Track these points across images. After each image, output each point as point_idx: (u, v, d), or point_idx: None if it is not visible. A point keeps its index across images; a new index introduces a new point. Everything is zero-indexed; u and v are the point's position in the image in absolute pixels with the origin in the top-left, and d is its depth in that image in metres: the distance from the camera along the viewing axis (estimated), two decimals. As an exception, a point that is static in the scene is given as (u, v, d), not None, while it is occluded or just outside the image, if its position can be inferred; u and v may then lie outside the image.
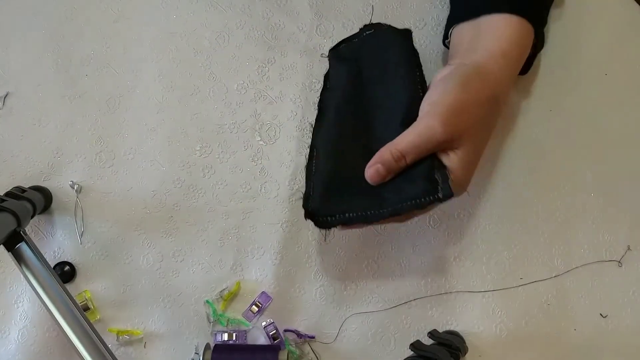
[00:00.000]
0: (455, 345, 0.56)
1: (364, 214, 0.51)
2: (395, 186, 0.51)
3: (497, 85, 0.52)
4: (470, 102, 0.51)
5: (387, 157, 0.51)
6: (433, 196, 0.49)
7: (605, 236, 0.60)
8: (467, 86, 0.51)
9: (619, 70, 0.62)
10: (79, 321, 0.51)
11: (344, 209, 0.51)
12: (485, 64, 0.52)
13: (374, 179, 0.52)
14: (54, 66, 0.62)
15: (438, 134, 0.49)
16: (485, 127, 0.52)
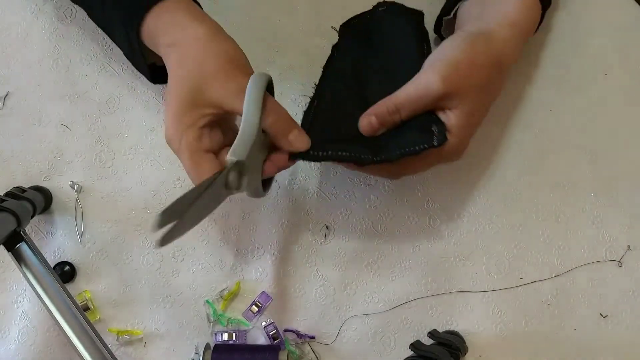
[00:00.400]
0: (455, 345, 0.56)
1: (357, 155, 0.50)
2: (391, 136, 0.51)
3: (502, 51, 0.52)
4: (472, 62, 0.50)
5: (382, 109, 0.51)
6: (428, 144, 0.49)
7: (605, 236, 0.61)
8: (471, 47, 0.51)
9: (619, 70, 0.62)
10: (79, 321, 0.51)
11: (338, 147, 0.51)
12: (492, 30, 0.52)
13: (366, 130, 0.51)
14: (54, 66, 0.62)
15: (435, 87, 0.49)
16: (486, 91, 0.52)
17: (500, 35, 0.52)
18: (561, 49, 0.63)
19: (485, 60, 0.51)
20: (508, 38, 0.53)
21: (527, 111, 0.62)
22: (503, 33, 0.53)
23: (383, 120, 0.51)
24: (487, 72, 0.51)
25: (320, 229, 0.61)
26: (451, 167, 0.61)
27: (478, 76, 0.50)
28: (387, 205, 0.61)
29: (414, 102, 0.50)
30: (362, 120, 0.52)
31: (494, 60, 0.51)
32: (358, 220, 0.61)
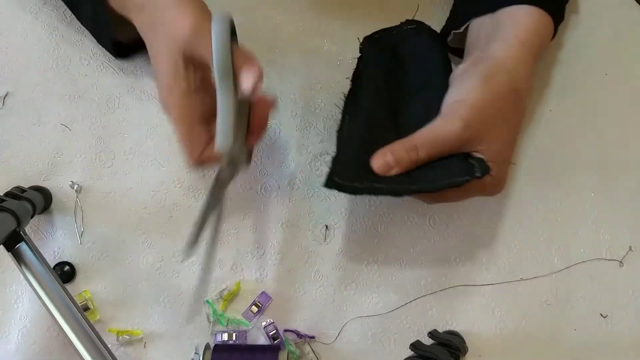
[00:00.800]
0: (456, 345, 0.56)
1: (394, 187, 0.49)
2: (430, 167, 0.50)
3: (516, 77, 0.51)
4: (491, 100, 0.50)
5: (398, 146, 0.50)
6: (470, 175, 0.48)
7: (605, 236, 0.61)
8: (488, 83, 0.50)
9: (619, 70, 0.62)
10: (78, 321, 0.51)
11: (374, 178, 0.49)
12: (504, 56, 0.52)
13: (379, 166, 0.49)
14: (54, 66, 0.62)
15: (459, 132, 0.49)
16: (508, 123, 0.51)
17: (511, 60, 0.52)
18: (562, 49, 0.63)
19: (501, 93, 0.50)
20: (520, 61, 0.52)
21: (527, 111, 0.62)
22: (514, 57, 0.52)
23: (399, 158, 0.49)
24: (505, 104, 0.50)
25: (320, 229, 0.61)
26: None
27: (498, 111, 0.50)
28: (387, 205, 0.61)
29: (434, 142, 0.49)
30: (377, 158, 0.50)
31: (510, 90, 0.51)
32: (358, 220, 0.61)
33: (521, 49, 0.52)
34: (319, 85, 0.62)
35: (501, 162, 0.50)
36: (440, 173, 0.49)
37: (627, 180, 0.61)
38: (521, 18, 0.53)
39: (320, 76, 0.61)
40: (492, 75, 0.51)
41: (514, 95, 0.51)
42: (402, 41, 0.58)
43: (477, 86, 0.50)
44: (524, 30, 0.53)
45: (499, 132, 0.50)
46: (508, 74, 0.51)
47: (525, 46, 0.52)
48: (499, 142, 0.50)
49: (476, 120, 0.49)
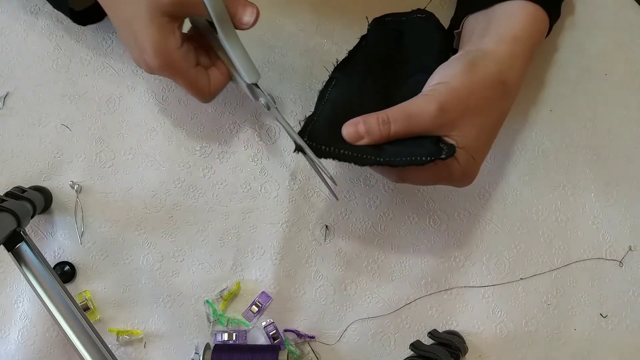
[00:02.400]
0: (455, 345, 0.56)
1: (360, 155, 0.49)
2: (398, 143, 0.50)
3: (505, 70, 0.50)
4: (472, 87, 0.49)
5: (372, 119, 0.49)
6: (435, 156, 0.47)
7: (605, 236, 0.61)
8: (473, 70, 0.50)
9: (619, 70, 0.62)
10: (79, 321, 0.51)
11: (342, 145, 0.50)
12: (494, 49, 0.51)
13: (349, 134, 0.49)
14: (54, 66, 0.62)
15: (433, 112, 0.48)
16: (488, 114, 0.50)
17: (502, 53, 0.51)
18: (561, 49, 0.63)
19: (486, 82, 0.49)
20: (511, 55, 0.51)
21: (527, 111, 0.62)
22: (505, 50, 0.51)
23: (370, 129, 0.49)
24: (488, 94, 0.49)
25: (320, 229, 0.61)
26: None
27: (479, 100, 0.49)
28: (387, 205, 0.61)
29: (407, 119, 0.48)
30: (349, 124, 0.50)
31: (495, 81, 0.50)
32: (358, 220, 0.61)
33: (514, 44, 0.51)
34: (319, 85, 0.61)
35: (474, 153, 0.49)
36: (407, 150, 0.49)
37: (627, 180, 0.61)
38: (515, 13, 0.53)
39: (320, 76, 0.61)
40: (479, 63, 0.50)
41: (499, 88, 0.50)
42: (409, 28, 0.57)
43: (461, 71, 0.49)
44: (518, 25, 0.52)
45: (476, 121, 0.49)
46: (496, 65, 0.50)
47: (519, 41, 0.52)
48: (474, 132, 0.49)
49: (453, 105, 0.48)
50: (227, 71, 0.55)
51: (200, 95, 0.54)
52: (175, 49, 0.51)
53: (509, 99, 0.52)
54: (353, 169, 0.61)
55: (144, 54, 0.50)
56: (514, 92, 0.52)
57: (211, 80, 0.54)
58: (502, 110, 0.52)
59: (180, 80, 0.52)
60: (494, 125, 0.51)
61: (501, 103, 0.51)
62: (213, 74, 0.54)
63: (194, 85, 0.53)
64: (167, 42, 0.50)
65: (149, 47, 0.50)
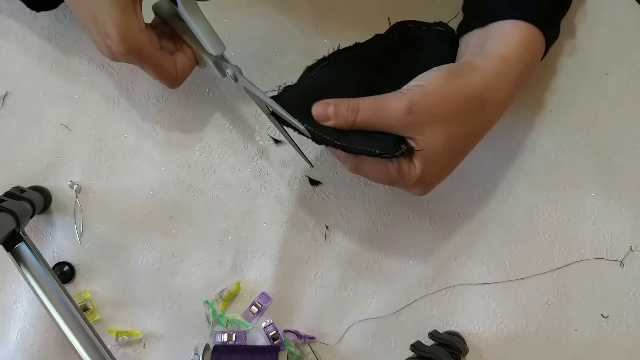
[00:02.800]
0: (456, 345, 0.56)
1: (320, 134, 0.49)
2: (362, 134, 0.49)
3: (486, 86, 0.49)
4: (444, 94, 0.48)
5: (343, 102, 0.49)
6: (389, 152, 0.47)
7: (606, 236, 0.60)
8: (452, 79, 0.48)
9: (619, 70, 0.62)
10: (78, 322, 0.51)
11: (307, 120, 0.50)
12: (480, 64, 0.50)
13: (318, 113, 0.49)
14: (54, 66, 0.62)
15: (401, 111, 0.47)
16: (461, 127, 0.48)
17: (486, 70, 0.49)
18: (561, 49, 0.63)
19: (462, 94, 0.48)
20: (496, 73, 0.49)
21: (527, 111, 0.62)
22: (491, 68, 0.50)
23: (338, 113, 0.48)
24: (463, 107, 0.48)
25: (320, 229, 0.61)
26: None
27: (451, 110, 0.47)
28: (387, 205, 0.61)
29: (375, 111, 0.48)
30: (320, 103, 0.49)
31: (472, 95, 0.48)
32: (358, 220, 0.61)
33: (502, 62, 0.50)
34: (319, 85, 0.61)
35: (436, 162, 0.48)
36: (366, 141, 0.48)
37: (628, 180, 0.61)
38: (507, 32, 0.51)
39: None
40: (461, 74, 0.49)
41: (476, 103, 0.48)
42: (427, 38, 0.57)
43: (441, 78, 0.49)
44: (508, 44, 0.51)
45: (444, 130, 0.47)
46: (477, 79, 0.49)
47: (507, 60, 0.50)
48: (440, 141, 0.48)
49: (423, 108, 0.47)
50: (192, 54, 0.54)
51: (167, 81, 0.53)
52: (140, 31, 0.49)
53: (486, 117, 0.50)
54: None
55: (107, 39, 0.49)
56: (494, 111, 0.50)
57: (177, 64, 0.53)
58: (476, 126, 0.50)
59: (146, 64, 0.51)
60: (464, 140, 0.50)
61: (476, 119, 0.49)
62: (179, 58, 0.53)
63: (161, 70, 0.52)
64: (130, 24, 0.49)
65: (112, 31, 0.48)
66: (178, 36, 0.55)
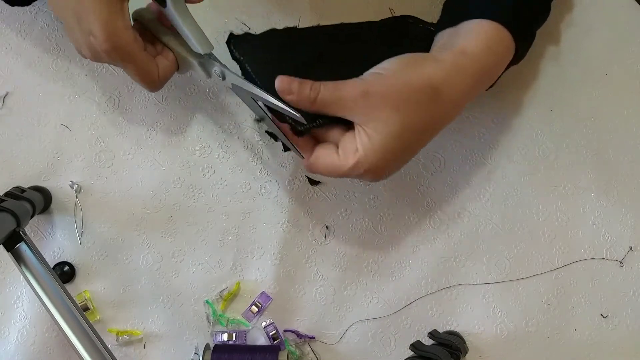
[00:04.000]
0: (456, 345, 0.56)
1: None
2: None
3: (440, 77, 0.48)
4: (402, 82, 0.47)
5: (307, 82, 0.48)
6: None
7: (606, 236, 0.60)
8: (407, 67, 0.48)
9: (619, 70, 0.62)
10: (78, 321, 0.51)
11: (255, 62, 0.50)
12: (438, 56, 0.49)
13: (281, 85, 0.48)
14: (54, 66, 0.62)
15: (356, 93, 0.47)
16: (412, 115, 0.47)
17: (444, 62, 0.49)
18: (561, 49, 0.63)
19: (416, 82, 0.47)
20: (453, 65, 0.49)
21: (527, 111, 0.62)
22: (448, 60, 0.49)
23: (301, 90, 0.48)
24: (415, 95, 0.47)
25: (320, 229, 0.61)
26: (451, 167, 0.61)
27: (404, 98, 0.47)
28: (387, 205, 0.61)
29: (333, 92, 0.48)
30: (286, 78, 0.49)
31: (425, 84, 0.47)
32: (358, 220, 0.61)
33: (461, 57, 0.49)
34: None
35: (385, 149, 0.47)
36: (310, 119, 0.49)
37: (628, 180, 0.61)
38: (473, 29, 0.51)
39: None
40: (419, 64, 0.49)
41: (429, 92, 0.48)
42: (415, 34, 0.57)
43: (397, 65, 0.48)
44: (471, 41, 0.50)
45: (396, 117, 0.47)
46: (432, 69, 0.48)
47: (467, 55, 0.50)
48: (392, 128, 0.47)
49: (378, 93, 0.47)
50: (174, 59, 0.53)
51: (149, 83, 0.52)
52: (126, 29, 0.48)
53: (440, 109, 0.49)
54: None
55: (89, 36, 0.47)
56: (448, 104, 0.49)
57: (159, 67, 0.52)
58: (430, 117, 0.49)
59: (130, 65, 0.50)
60: (418, 130, 0.49)
61: (429, 109, 0.48)
62: (160, 61, 0.53)
63: (144, 71, 0.51)
64: (116, 22, 0.47)
65: (97, 29, 0.47)
66: (159, 41, 0.54)
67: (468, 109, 0.61)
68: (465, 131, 0.61)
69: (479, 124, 0.61)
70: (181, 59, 0.54)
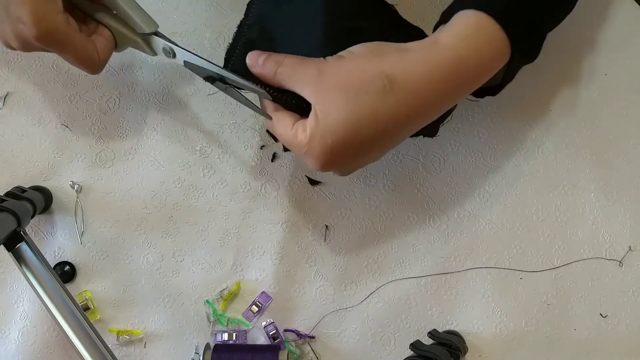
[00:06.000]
0: (455, 345, 0.56)
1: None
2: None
3: (400, 66, 0.44)
4: (358, 68, 0.45)
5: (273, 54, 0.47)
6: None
7: (605, 236, 0.61)
8: (370, 54, 0.45)
9: (619, 70, 0.62)
10: (79, 321, 0.51)
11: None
12: (410, 46, 0.46)
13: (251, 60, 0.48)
14: (54, 66, 0.62)
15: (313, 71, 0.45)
16: (362, 103, 0.44)
17: (410, 51, 0.45)
18: (561, 49, 0.63)
19: (372, 68, 0.44)
20: (418, 55, 0.45)
21: (527, 111, 0.62)
22: (417, 49, 0.45)
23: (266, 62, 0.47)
24: (368, 81, 0.44)
25: (320, 229, 0.61)
26: (451, 167, 0.61)
27: (355, 81, 0.44)
28: (387, 205, 0.61)
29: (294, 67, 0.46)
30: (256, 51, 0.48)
31: (379, 72, 0.44)
32: (358, 220, 0.61)
33: (430, 47, 0.45)
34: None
35: (330, 134, 0.44)
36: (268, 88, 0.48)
37: (627, 180, 0.61)
38: (453, 20, 0.46)
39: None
40: (384, 52, 0.45)
41: (382, 81, 0.44)
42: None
43: (361, 51, 0.45)
44: (447, 31, 0.46)
45: (344, 102, 0.44)
46: (393, 59, 0.45)
47: (440, 46, 0.45)
48: (338, 113, 0.44)
49: (332, 76, 0.45)
50: (111, 35, 0.51)
51: (90, 66, 0.50)
52: (57, 13, 0.46)
53: (394, 101, 0.44)
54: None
55: (19, 24, 0.45)
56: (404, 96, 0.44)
57: (98, 47, 0.50)
58: (384, 109, 0.44)
59: (66, 49, 0.48)
60: (368, 121, 0.44)
61: (381, 100, 0.44)
62: (97, 40, 0.50)
63: (82, 54, 0.49)
64: (46, 6, 0.45)
65: (26, 15, 0.45)
66: (92, 18, 0.51)
67: (468, 109, 0.61)
68: (465, 131, 0.61)
69: (479, 124, 0.61)
70: (120, 36, 0.51)
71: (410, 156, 0.61)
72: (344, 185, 0.61)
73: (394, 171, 0.61)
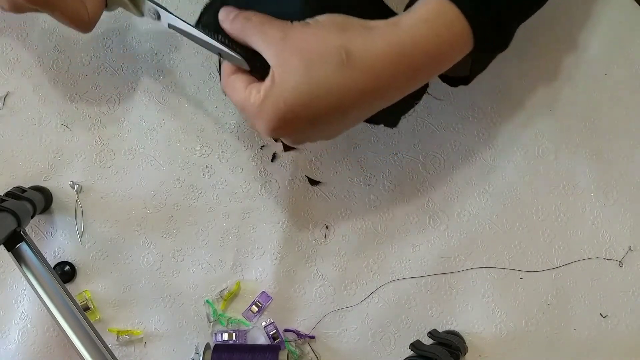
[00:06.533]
0: (455, 345, 0.56)
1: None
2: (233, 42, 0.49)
3: (359, 41, 0.44)
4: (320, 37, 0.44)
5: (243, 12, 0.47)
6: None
7: (605, 236, 0.61)
8: (333, 26, 0.45)
9: (619, 70, 0.62)
10: (79, 321, 0.51)
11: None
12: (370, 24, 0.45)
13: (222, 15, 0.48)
14: (54, 66, 0.62)
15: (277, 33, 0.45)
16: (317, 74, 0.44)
17: (370, 29, 0.45)
18: (561, 49, 0.63)
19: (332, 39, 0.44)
20: (379, 32, 0.45)
21: (527, 111, 0.62)
22: (379, 26, 0.45)
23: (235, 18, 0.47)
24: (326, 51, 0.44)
25: (320, 229, 0.61)
26: (451, 167, 0.61)
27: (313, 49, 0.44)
28: (387, 205, 0.61)
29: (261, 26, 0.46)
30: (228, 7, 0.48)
31: (339, 46, 0.44)
32: (358, 220, 0.61)
33: (392, 27, 0.45)
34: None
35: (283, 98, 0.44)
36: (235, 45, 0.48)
37: (627, 180, 0.61)
38: (418, 4, 0.46)
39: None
40: (345, 25, 0.45)
41: (340, 56, 0.44)
42: None
43: (327, 21, 0.45)
44: (409, 13, 0.46)
45: (300, 71, 0.44)
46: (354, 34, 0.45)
47: (399, 27, 0.45)
48: (292, 81, 0.44)
49: (294, 41, 0.44)
50: None
51: (80, 25, 0.50)
52: None
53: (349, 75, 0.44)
54: (353, 170, 0.61)
55: None
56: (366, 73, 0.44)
57: (88, 6, 0.50)
58: (341, 82, 0.44)
59: (57, 9, 0.48)
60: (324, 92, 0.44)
61: (338, 73, 0.44)
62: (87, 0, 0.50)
63: (72, 13, 0.49)
64: None
65: None
66: None
67: (468, 109, 0.61)
68: (465, 131, 0.61)
69: (479, 124, 0.61)
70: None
71: (410, 156, 0.61)
72: (344, 185, 0.61)
73: (394, 171, 0.61)
